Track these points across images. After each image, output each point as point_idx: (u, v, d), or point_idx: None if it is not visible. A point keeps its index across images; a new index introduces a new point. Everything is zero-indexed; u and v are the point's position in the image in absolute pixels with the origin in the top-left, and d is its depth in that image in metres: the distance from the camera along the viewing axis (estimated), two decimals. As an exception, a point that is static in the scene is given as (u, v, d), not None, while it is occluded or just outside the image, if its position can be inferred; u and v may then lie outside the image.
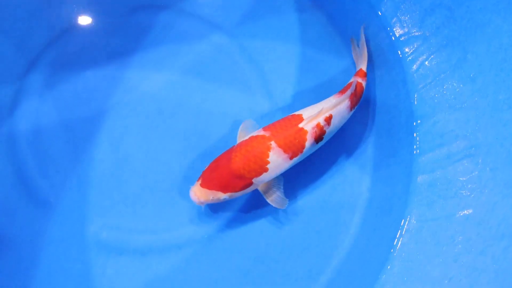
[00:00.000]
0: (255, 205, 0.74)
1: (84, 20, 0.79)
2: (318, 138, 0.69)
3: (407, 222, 0.70)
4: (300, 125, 0.67)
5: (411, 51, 0.76)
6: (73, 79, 0.77)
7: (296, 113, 0.70)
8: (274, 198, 0.71)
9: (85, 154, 0.74)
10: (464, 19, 0.68)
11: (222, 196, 0.67)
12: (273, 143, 0.67)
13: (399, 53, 0.78)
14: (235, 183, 0.67)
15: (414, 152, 0.74)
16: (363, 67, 0.75)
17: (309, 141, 0.68)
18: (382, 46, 0.80)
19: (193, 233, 0.72)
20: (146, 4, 0.81)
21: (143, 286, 0.69)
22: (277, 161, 0.67)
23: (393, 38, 0.78)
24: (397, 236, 0.70)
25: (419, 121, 0.75)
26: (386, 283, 0.67)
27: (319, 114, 0.68)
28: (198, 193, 0.66)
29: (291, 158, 0.68)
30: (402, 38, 0.77)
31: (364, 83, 0.74)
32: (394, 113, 0.78)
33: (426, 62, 0.75)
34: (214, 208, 0.74)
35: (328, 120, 0.69)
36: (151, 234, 0.71)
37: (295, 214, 0.75)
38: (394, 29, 0.78)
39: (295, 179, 0.76)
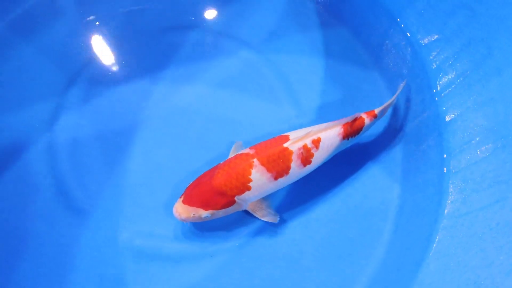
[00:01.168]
0: (286, 212, 0.74)
1: (119, 40, 0.84)
2: (305, 161, 0.67)
3: (441, 221, 0.69)
4: (285, 145, 0.66)
5: (435, 55, 0.77)
6: (108, 95, 0.81)
7: (285, 134, 0.69)
8: (263, 214, 0.69)
9: (119, 164, 0.76)
10: (485, 16, 0.69)
11: (203, 213, 0.65)
12: (255, 161, 0.65)
13: (423, 59, 0.78)
14: (217, 200, 0.65)
15: (444, 153, 0.73)
16: (377, 110, 0.73)
17: (295, 162, 0.67)
18: (405, 55, 0.81)
19: (224, 241, 0.72)
20: (177, 25, 0.86)
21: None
22: (260, 179, 0.66)
23: (415, 45, 0.80)
24: (432, 235, 0.68)
25: (447, 122, 0.75)
26: (425, 280, 0.64)
27: (306, 135, 0.67)
28: (180, 210, 0.65)
29: (275, 179, 0.67)
30: (425, 44, 0.79)
31: (367, 120, 0.71)
32: (421, 118, 0.77)
33: (450, 64, 0.75)
34: (245, 216, 0.73)
35: (316, 143, 0.67)
36: (183, 242, 0.71)
37: (328, 222, 0.74)
38: (416, 36, 0.79)
39: (327, 187, 0.76)
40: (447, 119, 0.75)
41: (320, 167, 0.76)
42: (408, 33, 0.80)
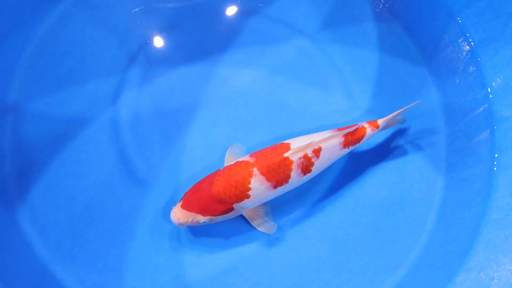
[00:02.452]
0: (335, 195, 0.77)
1: (180, 21, 0.87)
2: (305, 170, 0.69)
3: (490, 214, 0.71)
4: (286, 154, 0.67)
5: (492, 54, 0.79)
6: (169, 74, 0.84)
7: (286, 141, 0.71)
8: (260, 223, 0.71)
9: (177, 140, 0.80)
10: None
11: (201, 219, 0.67)
12: (255, 170, 0.67)
13: (479, 57, 0.81)
14: (215, 207, 0.67)
15: (495, 149, 0.76)
16: (380, 120, 0.74)
17: (295, 171, 0.68)
18: (460, 53, 0.83)
19: (276, 219, 0.75)
20: (237, 10, 0.88)
21: (228, 265, 0.73)
22: (260, 188, 0.67)
23: (472, 44, 0.82)
24: (479, 227, 0.71)
25: (500, 120, 0.77)
26: (473, 266, 0.67)
27: (308, 145, 0.68)
28: (178, 214, 0.67)
29: (275, 187, 0.68)
30: (482, 43, 0.80)
31: (369, 130, 0.73)
32: (471, 116, 0.80)
33: (508, 64, 0.77)
34: (295, 197, 0.77)
35: (317, 152, 0.69)
36: (236, 217, 0.75)
37: (375, 208, 0.77)
38: (474, 36, 0.81)
39: (375, 176, 0.78)
40: (500, 117, 0.77)
41: (369, 158, 0.80)
42: (465, 32, 0.82)
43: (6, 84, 0.81)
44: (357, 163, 0.79)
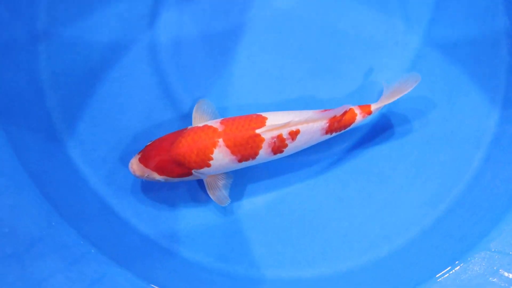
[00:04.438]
0: (384, 130, 0.75)
1: None
2: (276, 150, 0.65)
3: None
4: (258, 131, 0.63)
5: None
6: (211, -9, 0.76)
7: (263, 114, 0.65)
8: (215, 193, 0.68)
9: (224, 67, 0.75)
10: None
11: (157, 177, 0.65)
12: (220, 141, 0.63)
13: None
14: (172, 168, 0.64)
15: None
16: (374, 105, 0.67)
17: (264, 150, 0.64)
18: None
19: (323, 152, 0.75)
20: None
21: (276, 196, 0.74)
22: (223, 160, 0.64)
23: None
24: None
25: None
26: None
27: (284, 125, 0.63)
28: (135, 167, 0.65)
29: (239, 161, 0.65)
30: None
31: (359, 117, 0.66)
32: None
33: None
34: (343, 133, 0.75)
35: (294, 135, 0.64)
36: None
37: (422, 144, 0.75)
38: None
39: (423, 111, 0.75)
40: None
41: (419, 91, 0.75)
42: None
43: (33, 8, 0.73)
44: (406, 97, 0.76)
